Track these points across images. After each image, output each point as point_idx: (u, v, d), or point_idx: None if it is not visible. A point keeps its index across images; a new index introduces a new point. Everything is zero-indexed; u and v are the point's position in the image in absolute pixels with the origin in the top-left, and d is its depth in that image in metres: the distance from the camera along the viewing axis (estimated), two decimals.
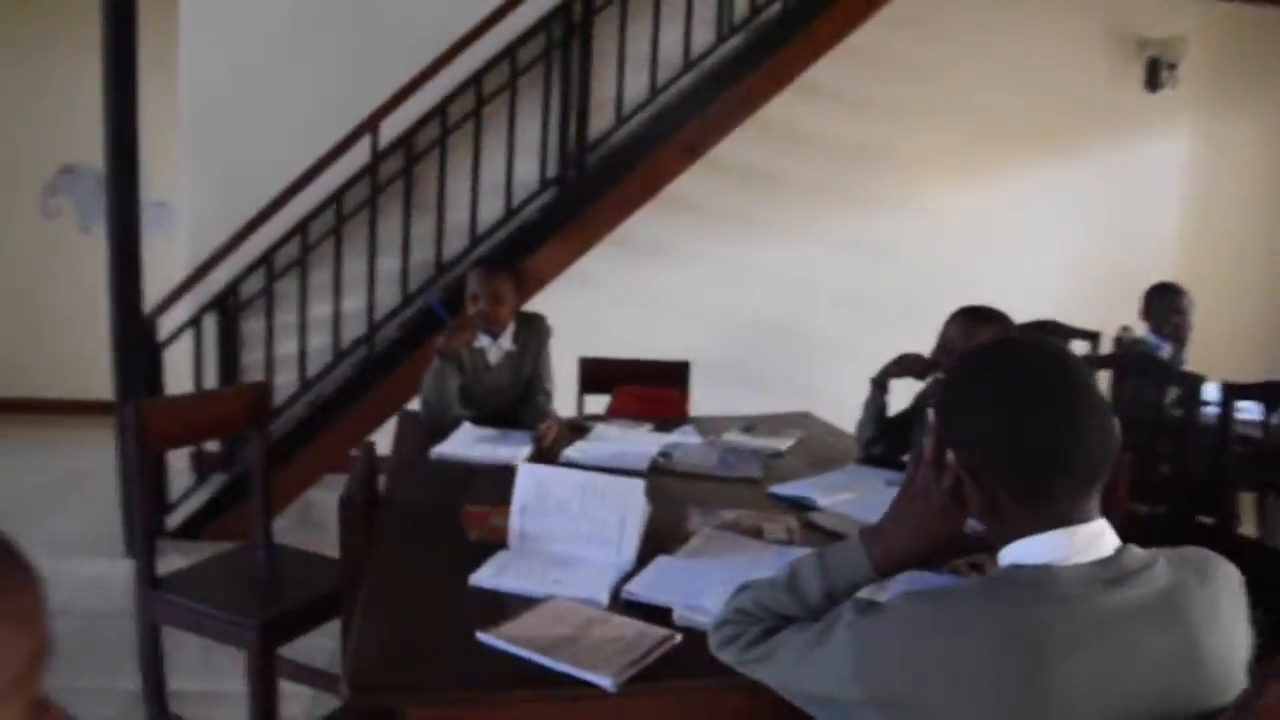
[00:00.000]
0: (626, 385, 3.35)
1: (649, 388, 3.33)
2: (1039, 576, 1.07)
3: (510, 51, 4.06)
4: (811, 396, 5.24)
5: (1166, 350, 3.87)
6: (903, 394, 2.71)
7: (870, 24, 4.63)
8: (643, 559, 1.78)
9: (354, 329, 4.15)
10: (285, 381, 4.14)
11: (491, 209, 4.19)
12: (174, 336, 3.98)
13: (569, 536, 1.80)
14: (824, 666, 1.15)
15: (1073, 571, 1.06)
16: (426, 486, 2.31)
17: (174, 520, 3.93)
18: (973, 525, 1.22)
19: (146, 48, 3.84)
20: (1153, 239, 5.69)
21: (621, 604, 1.62)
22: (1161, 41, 5.38)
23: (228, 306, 4.12)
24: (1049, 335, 4.13)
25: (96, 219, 5.17)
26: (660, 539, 1.88)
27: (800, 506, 2.17)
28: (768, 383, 5.09)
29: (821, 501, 2.16)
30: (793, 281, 5.27)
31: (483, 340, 2.90)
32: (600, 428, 2.84)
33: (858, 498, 2.17)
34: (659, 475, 2.42)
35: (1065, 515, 1.09)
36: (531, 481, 1.86)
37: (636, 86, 4.18)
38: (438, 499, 2.15)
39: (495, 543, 1.84)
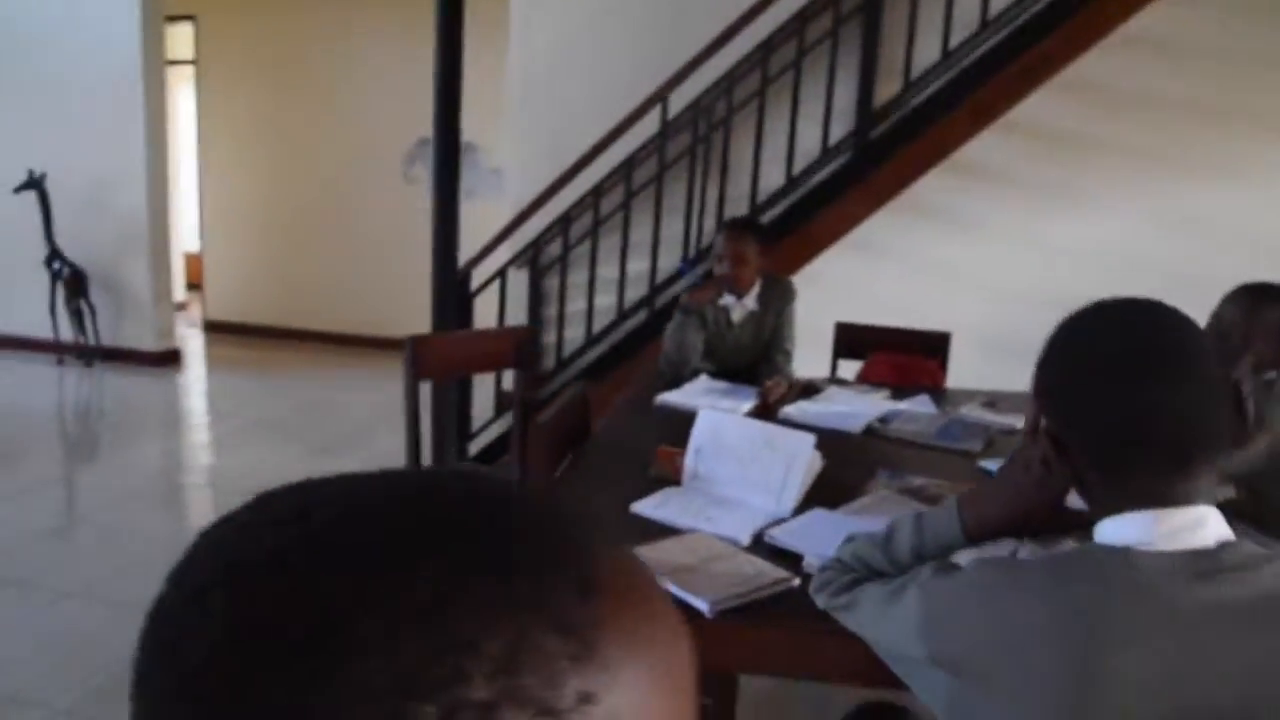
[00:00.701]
0: (882, 352, 3.29)
1: (904, 355, 3.25)
2: (1114, 559, 1.00)
3: (800, 17, 4.07)
4: None
5: None
6: None
7: None
8: (804, 511, 1.80)
9: (638, 290, 4.40)
10: (576, 335, 4.52)
11: (775, 177, 4.25)
12: (483, 287, 4.46)
13: (736, 480, 1.86)
14: (895, 621, 1.15)
15: (1154, 558, 0.98)
16: (640, 427, 2.46)
17: (475, 447, 4.43)
18: (1077, 500, 1.14)
19: (483, 30, 4.31)
20: None
21: (764, 548, 1.66)
22: None
23: (534, 263, 4.54)
24: None
25: None
26: (836, 496, 1.89)
27: None
28: None
29: None
30: (1111, 259, 4.79)
31: (727, 299, 2.99)
32: (832, 390, 2.83)
33: None
34: (872, 438, 2.39)
35: (1155, 496, 1.00)
36: (709, 425, 1.94)
37: (929, 50, 4.04)
38: (643, 438, 2.29)
39: (673, 480, 1.94)
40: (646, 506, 1.81)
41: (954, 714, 1.07)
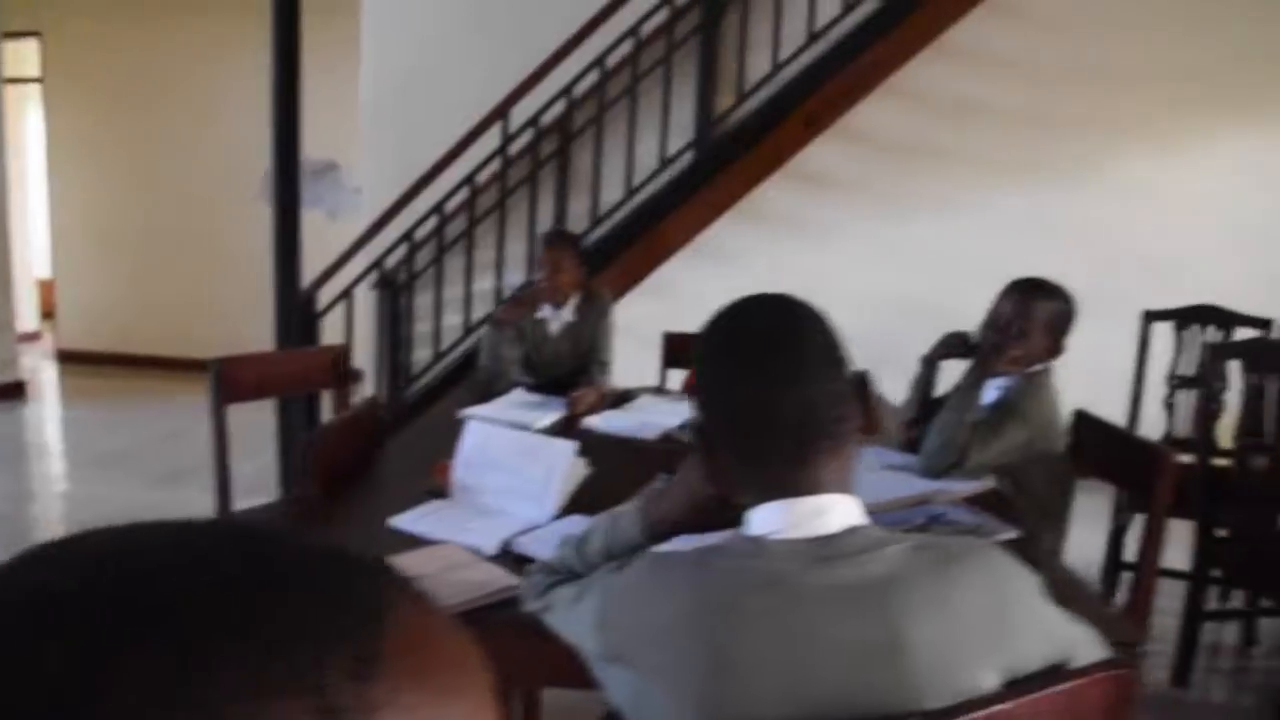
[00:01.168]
0: None
1: None
2: (748, 548, 1.04)
3: (636, 35, 4.13)
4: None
5: None
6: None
7: None
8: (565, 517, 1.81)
9: (485, 308, 4.39)
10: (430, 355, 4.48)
11: (617, 191, 4.28)
12: (329, 307, 4.38)
13: (501, 490, 1.87)
14: (578, 619, 1.16)
15: (782, 545, 1.02)
16: (438, 441, 2.44)
17: None
18: None
19: (344, 46, 4.22)
20: None
21: (510, 556, 1.66)
22: None
23: (390, 281, 4.48)
24: (1204, 322, 3.66)
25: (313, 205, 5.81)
26: (607, 503, 1.90)
27: None
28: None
29: None
30: (952, 262, 4.97)
31: (545, 311, 3.00)
32: (645, 399, 2.86)
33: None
34: (669, 446, 2.42)
35: (785, 486, 1.04)
36: (476, 437, 1.94)
37: (760, 64, 4.14)
38: (432, 451, 2.28)
39: (446, 493, 1.93)
40: (405, 520, 1.79)
41: (635, 710, 1.09)
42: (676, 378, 3.44)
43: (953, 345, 2.31)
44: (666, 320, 4.50)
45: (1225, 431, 3.03)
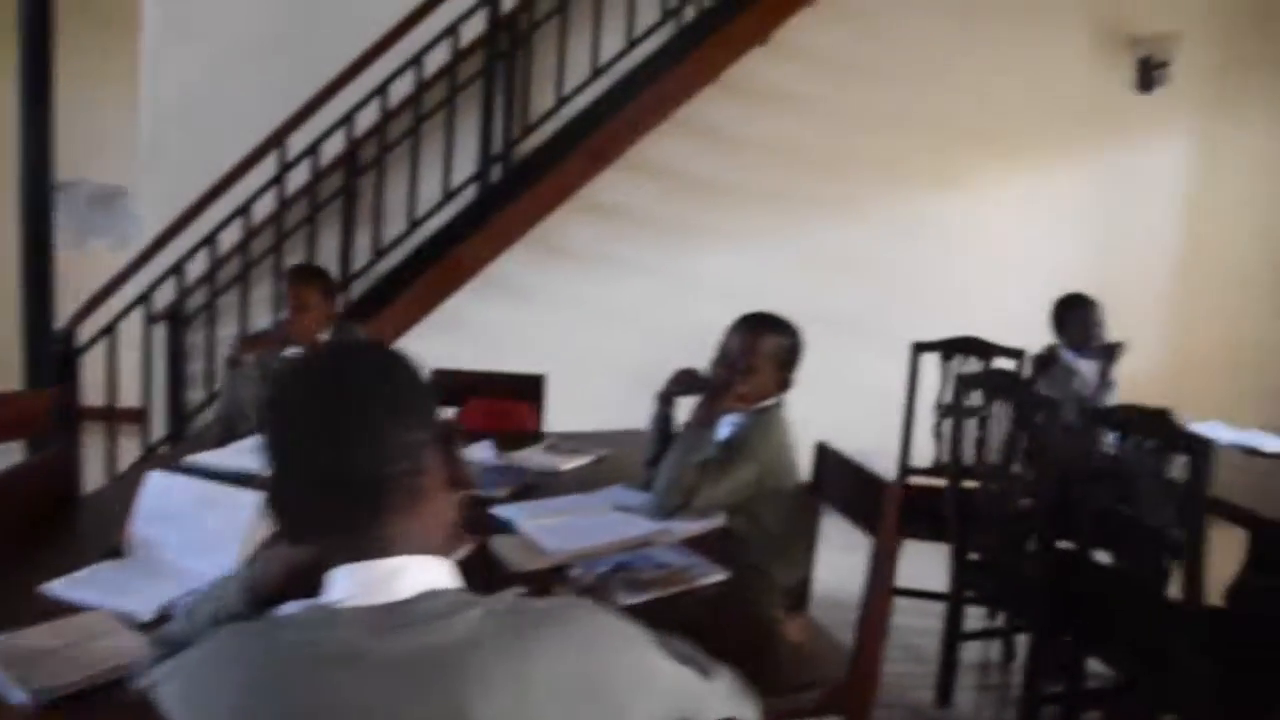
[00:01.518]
0: (477, 398, 3.26)
1: (498, 401, 3.23)
2: (319, 616, 0.95)
3: (416, 62, 4.03)
4: None
5: (1088, 367, 3.56)
6: None
7: (834, 25, 4.65)
8: None
9: None
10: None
11: (400, 224, 4.17)
12: (89, 345, 4.07)
13: (180, 545, 1.72)
14: (168, 695, 1.04)
15: (352, 613, 0.93)
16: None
17: None
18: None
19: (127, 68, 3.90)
20: (1148, 250, 5.29)
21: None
22: (1152, 39, 4.99)
23: (174, 315, 4.19)
24: (966, 352, 3.83)
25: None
26: None
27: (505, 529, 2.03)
28: None
29: (522, 524, 2.01)
30: (747, 294, 5.03)
31: (292, 350, 2.86)
32: None
33: (562, 523, 2.01)
34: None
35: (358, 548, 0.96)
36: (157, 488, 1.78)
37: (546, 98, 4.12)
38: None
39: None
40: (60, 585, 1.62)
41: None
42: (449, 415, 3.34)
43: (685, 382, 2.29)
44: (459, 355, 4.39)
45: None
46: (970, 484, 3.01)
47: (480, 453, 2.65)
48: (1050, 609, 2.68)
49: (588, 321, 4.84)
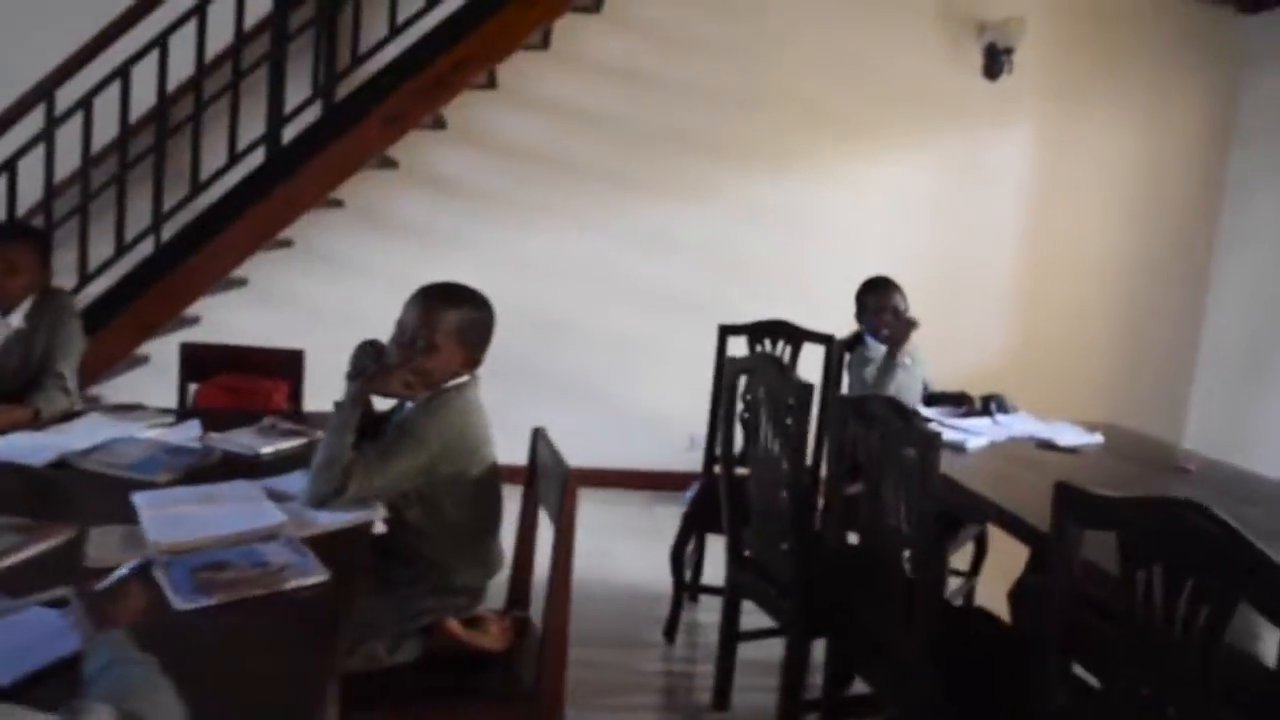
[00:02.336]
0: (225, 374, 2.98)
1: (245, 378, 2.96)
2: None
3: (200, 10, 3.72)
4: (598, 399, 4.88)
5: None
6: None
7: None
8: None
9: None
10: None
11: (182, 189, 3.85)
12: None
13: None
14: None
15: None
16: None
17: None
18: None
19: None
20: (994, 238, 5.22)
21: None
22: (998, 25, 4.89)
23: None
24: (774, 336, 3.68)
25: None
26: None
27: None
28: (541, 384, 4.75)
29: (142, 512, 1.76)
30: (578, 274, 4.85)
31: None
32: (93, 417, 2.47)
33: (183, 513, 1.75)
34: (63, 472, 2.05)
35: None
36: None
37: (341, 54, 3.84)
38: None
39: None
40: None
41: None
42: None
43: (366, 357, 2.05)
44: (271, 328, 4.13)
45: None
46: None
47: (181, 433, 2.38)
48: (802, 609, 2.52)
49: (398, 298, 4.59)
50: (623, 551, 4.12)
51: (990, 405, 3.44)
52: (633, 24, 4.67)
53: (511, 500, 2.14)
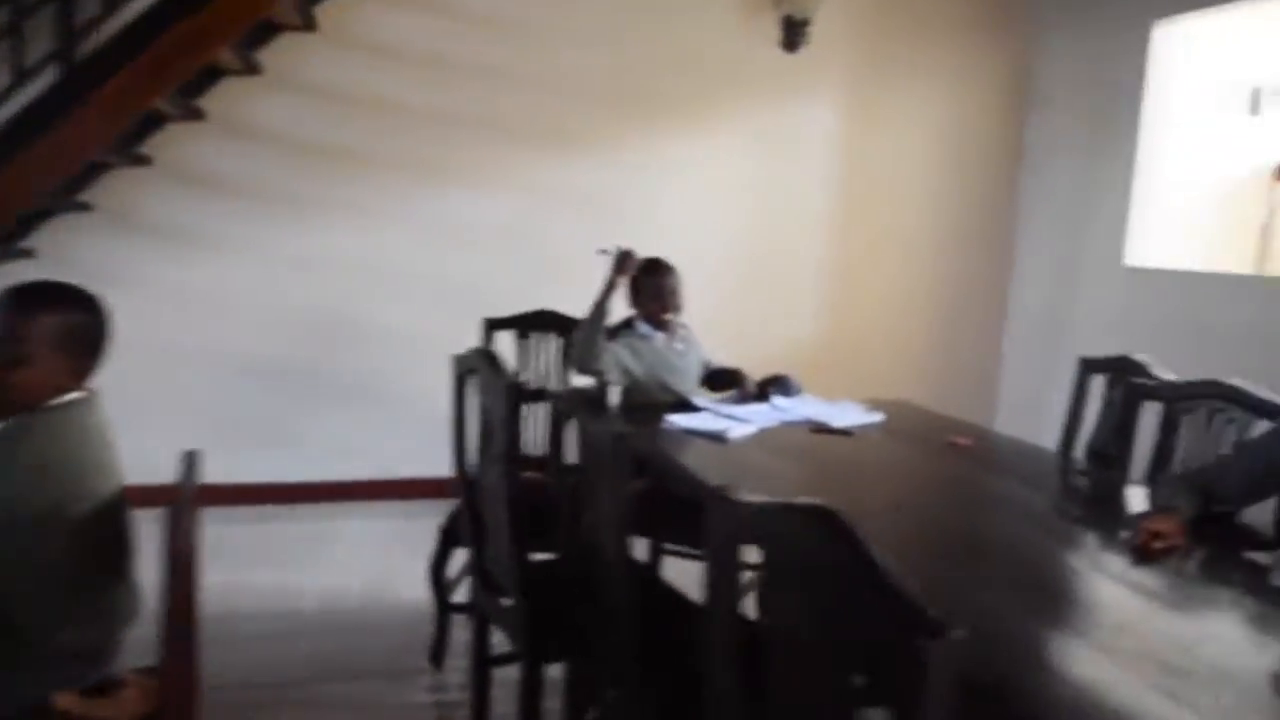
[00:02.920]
0: None
1: None
2: None
3: None
4: (386, 403, 4.55)
5: (662, 340, 3.22)
6: None
7: None
8: None
9: None
10: None
11: None
12: None
13: None
14: None
15: None
16: None
17: None
18: None
19: None
20: (805, 214, 5.09)
21: None
22: None
23: None
24: (544, 328, 3.44)
25: None
26: None
27: None
28: (323, 390, 4.42)
29: None
30: (369, 271, 4.51)
31: None
32: None
33: None
34: None
35: None
36: None
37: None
38: None
39: None
40: None
41: None
42: None
43: None
44: None
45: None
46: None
47: None
48: (526, 630, 2.27)
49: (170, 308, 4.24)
50: (410, 569, 3.81)
51: (768, 390, 3.27)
52: (408, 2, 4.36)
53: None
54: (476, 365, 2.38)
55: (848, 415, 3.13)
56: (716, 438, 2.79)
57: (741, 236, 4.97)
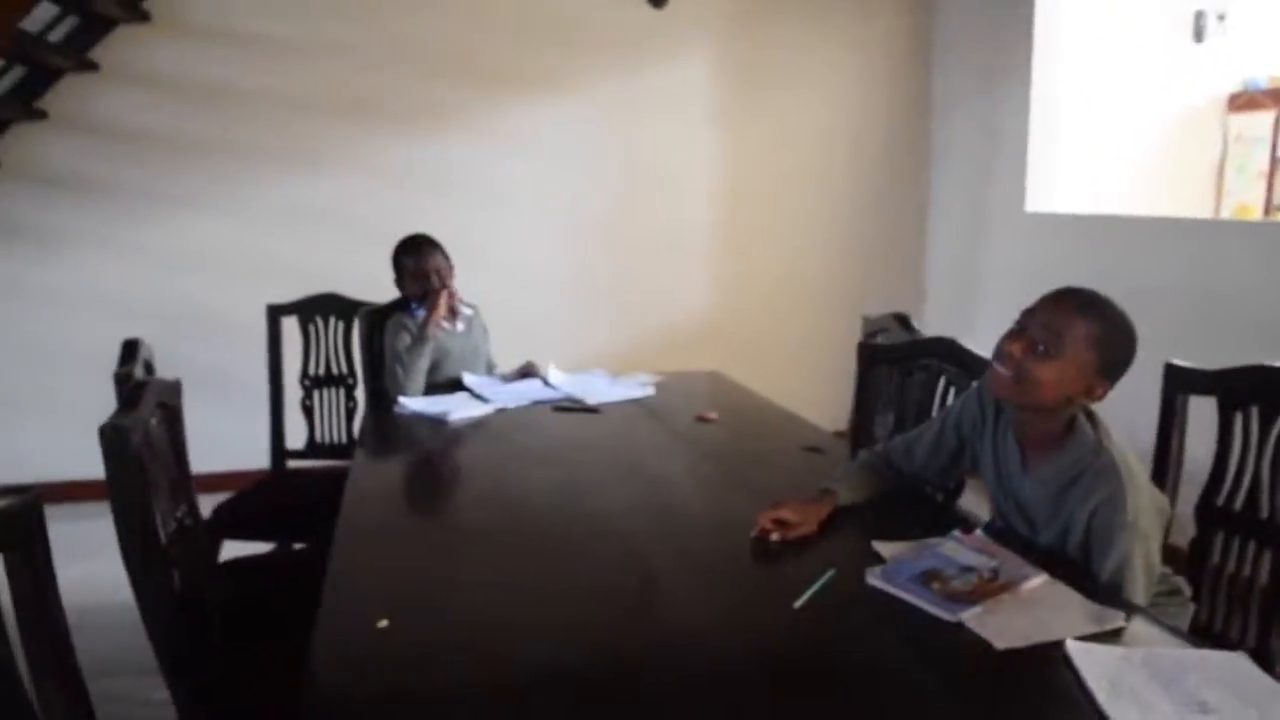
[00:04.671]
0: None
1: None
2: None
3: None
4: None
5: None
6: None
7: None
8: None
9: None
10: None
11: None
12: None
13: None
14: None
15: None
16: None
17: None
18: None
19: None
20: (687, 182, 4.85)
21: None
22: None
23: None
24: (327, 312, 3.32)
25: None
26: None
27: None
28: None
29: None
30: (220, 261, 4.44)
31: None
32: None
33: None
34: None
35: None
36: None
37: None
38: None
39: None
40: None
41: None
42: None
43: None
44: None
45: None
46: None
47: None
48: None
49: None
50: None
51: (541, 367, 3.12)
52: None
53: None
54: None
55: (616, 391, 2.95)
56: (439, 421, 2.65)
57: (614, 211, 4.77)
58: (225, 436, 4.35)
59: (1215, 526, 1.84)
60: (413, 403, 2.79)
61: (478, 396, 2.86)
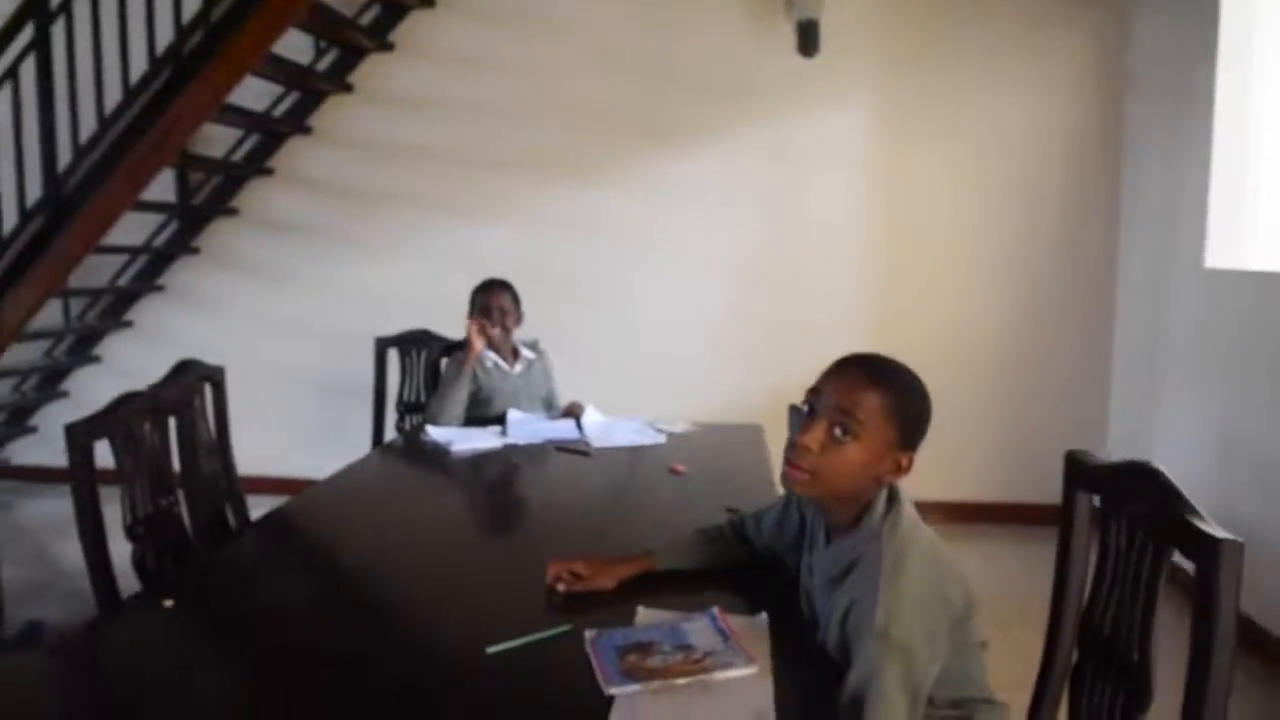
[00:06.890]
0: None
1: None
2: None
3: None
4: None
5: (487, 360, 3.32)
6: None
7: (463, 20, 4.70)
8: None
9: None
10: None
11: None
12: None
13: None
14: None
15: None
16: None
17: None
18: None
19: None
20: (838, 228, 4.75)
21: None
22: None
23: None
24: (422, 346, 3.69)
25: None
26: None
27: None
28: None
29: None
30: (401, 303, 5.02)
31: None
32: None
33: None
34: None
35: None
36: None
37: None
38: None
39: None
40: None
41: None
42: None
43: None
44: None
45: None
46: None
47: None
48: None
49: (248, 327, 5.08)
50: None
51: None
52: (425, 52, 4.83)
53: None
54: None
55: (627, 436, 3.03)
56: (443, 450, 2.89)
57: (764, 255, 4.78)
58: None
59: (1088, 655, 1.54)
60: (435, 430, 3.06)
61: (502, 432, 3.05)
